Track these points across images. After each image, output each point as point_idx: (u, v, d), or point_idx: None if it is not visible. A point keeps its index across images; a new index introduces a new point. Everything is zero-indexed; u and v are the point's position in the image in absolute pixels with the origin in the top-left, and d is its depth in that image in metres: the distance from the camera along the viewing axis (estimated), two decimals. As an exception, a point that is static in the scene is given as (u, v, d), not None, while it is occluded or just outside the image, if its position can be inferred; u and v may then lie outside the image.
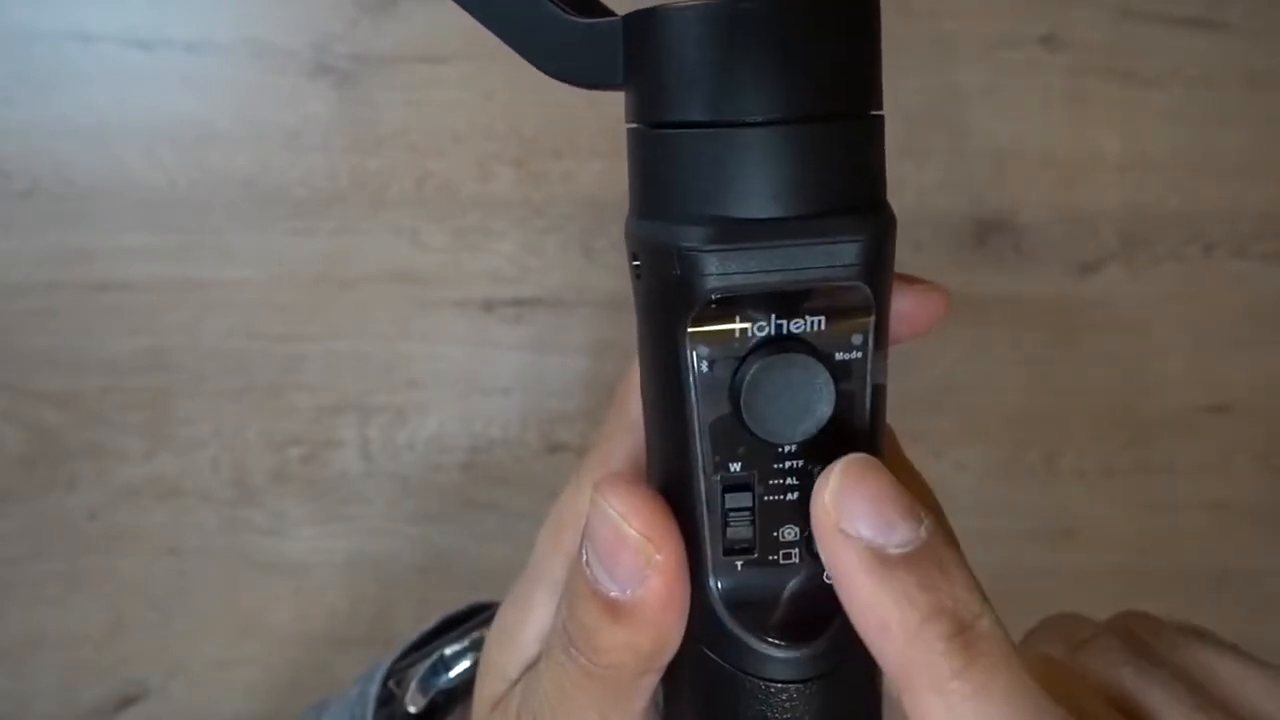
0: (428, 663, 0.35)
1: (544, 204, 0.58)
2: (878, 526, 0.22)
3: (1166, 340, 0.63)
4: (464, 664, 0.35)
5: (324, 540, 0.59)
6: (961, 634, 0.21)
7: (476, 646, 0.35)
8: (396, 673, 0.36)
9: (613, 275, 0.58)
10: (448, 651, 0.35)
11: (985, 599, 0.22)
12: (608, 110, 0.26)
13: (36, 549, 0.57)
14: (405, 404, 0.59)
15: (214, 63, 0.55)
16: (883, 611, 0.21)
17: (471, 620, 0.36)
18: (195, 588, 0.58)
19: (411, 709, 0.35)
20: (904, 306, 0.25)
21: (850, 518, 0.22)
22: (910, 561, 0.21)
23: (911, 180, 0.59)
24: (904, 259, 0.30)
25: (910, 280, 0.26)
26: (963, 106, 0.59)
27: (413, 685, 0.35)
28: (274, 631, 0.59)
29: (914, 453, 0.32)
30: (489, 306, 0.59)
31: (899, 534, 0.22)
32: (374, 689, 0.35)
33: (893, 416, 0.28)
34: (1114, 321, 0.62)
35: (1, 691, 0.58)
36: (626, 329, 0.27)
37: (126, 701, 0.59)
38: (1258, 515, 0.65)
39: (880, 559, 0.21)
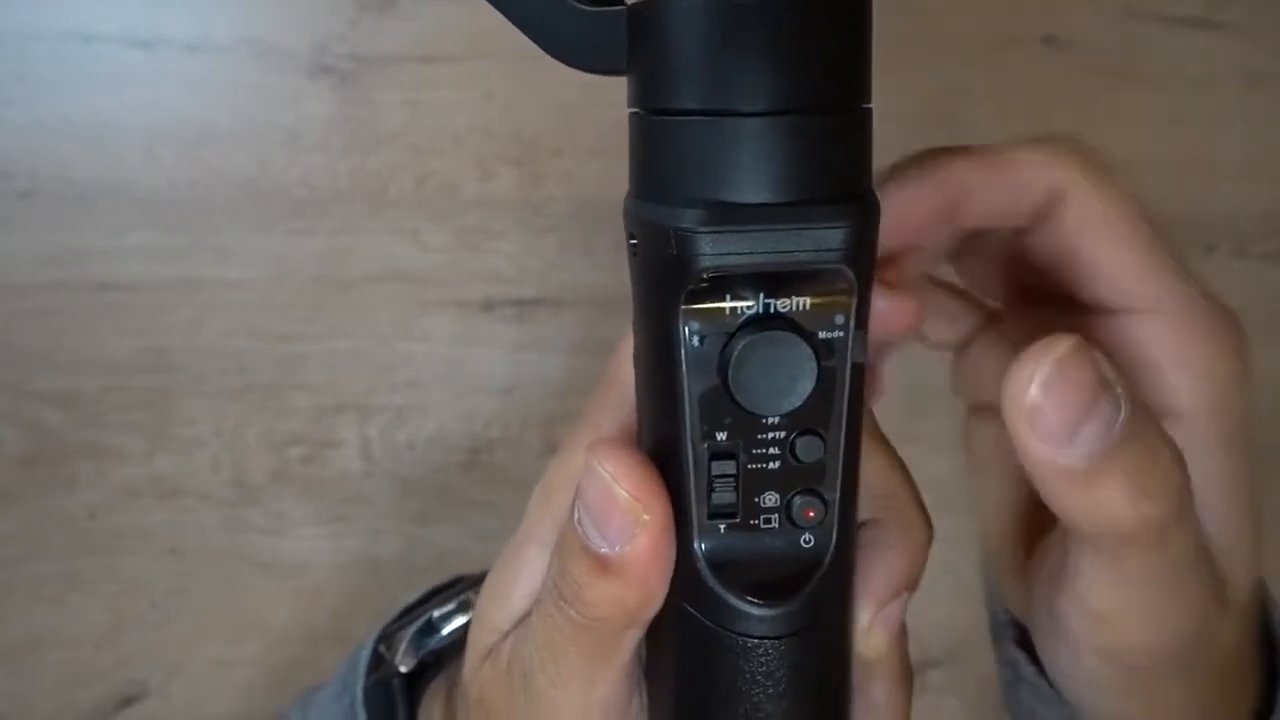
0: (416, 624, 0.36)
1: (544, 204, 0.58)
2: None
3: (1166, 340, 0.63)
4: (452, 625, 0.36)
5: (324, 540, 0.59)
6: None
7: (464, 608, 0.36)
8: (386, 638, 0.37)
9: (613, 275, 0.58)
10: (436, 614, 0.36)
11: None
12: (608, 111, 0.27)
13: (36, 549, 0.57)
14: (405, 404, 0.59)
15: (214, 63, 0.55)
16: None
17: (456, 587, 0.38)
18: (195, 588, 0.58)
19: (402, 669, 0.36)
20: (876, 308, 0.27)
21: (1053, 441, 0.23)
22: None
23: (911, 180, 0.59)
24: (904, 259, 0.30)
25: (886, 285, 0.28)
26: (963, 106, 0.59)
27: (402, 646, 0.36)
28: (274, 631, 0.59)
29: (913, 452, 0.32)
30: (489, 306, 0.59)
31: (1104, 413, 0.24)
32: (365, 654, 0.37)
33: (894, 416, 0.28)
34: (1114, 321, 0.62)
35: (1, 691, 0.58)
36: (626, 329, 0.27)
37: (126, 701, 0.59)
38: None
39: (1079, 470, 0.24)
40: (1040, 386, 0.23)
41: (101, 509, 0.57)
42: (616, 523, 0.25)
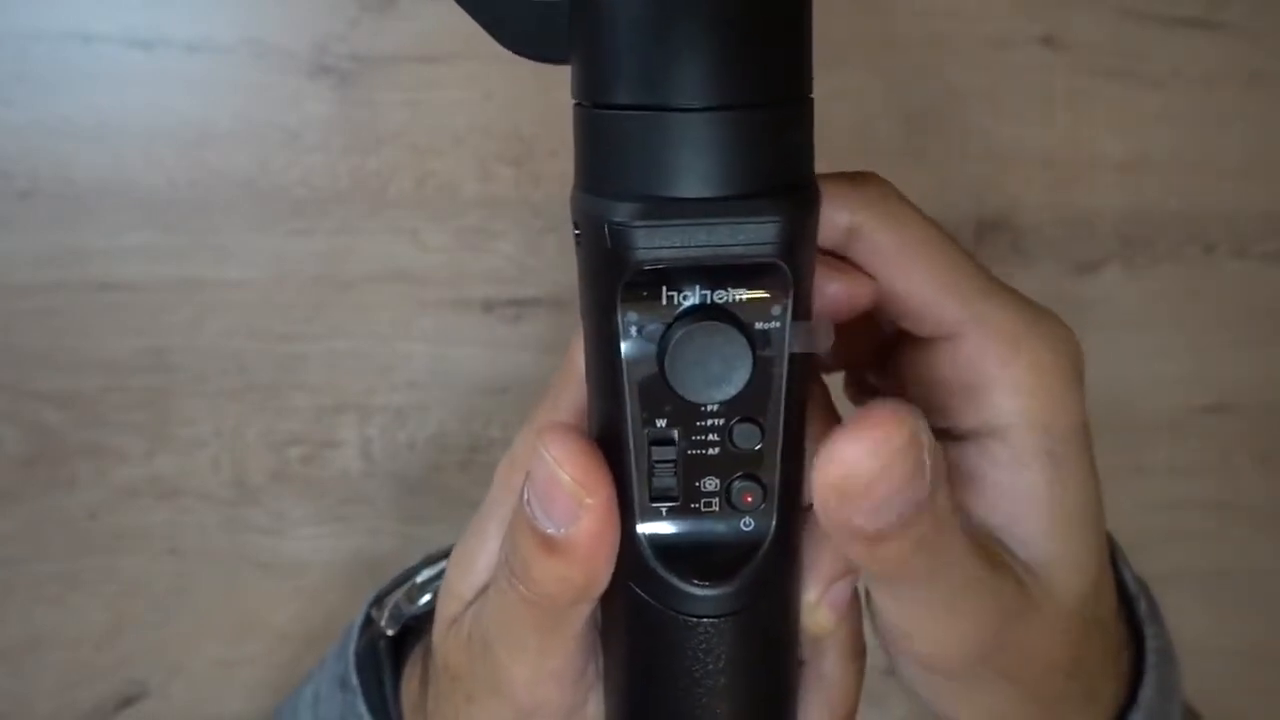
0: (402, 590, 0.38)
1: (544, 204, 0.58)
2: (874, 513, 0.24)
3: (1166, 340, 0.63)
4: (433, 591, 0.37)
5: (324, 540, 0.59)
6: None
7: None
8: (378, 601, 0.38)
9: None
10: (419, 580, 0.38)
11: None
12: None
13: (36, 549, 0.57)
14: (405, 404, 0.59)
15: (214, 63, 0.55)
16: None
17: (448, 556, 0.39)
18: (195, 587, 0.58)
19: (389, 632, 0.37)
20: (831, 290, 0.27)
21: (854, 514, 0.24)
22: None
23: (911, 180, 0.59)
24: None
25: (838, 266, 0.28)
26: (962, 106, 0.59)
27: (388, 610, 0.37)
28: (274, 631, 0.59)
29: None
30: (489, 306, 0.59)
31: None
32: (359, 618, 0.38)
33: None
34: (1113, 321, 0.62)
35: (1, 691, 0.58)
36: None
37: (126, 701, 0.59)
38: (1257, 515, 0.65)
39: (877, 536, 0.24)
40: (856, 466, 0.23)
41: (101, 509, 0.57)
42: (561, 505, 0.25)
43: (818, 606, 0.28)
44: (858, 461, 0.23)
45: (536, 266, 0.58)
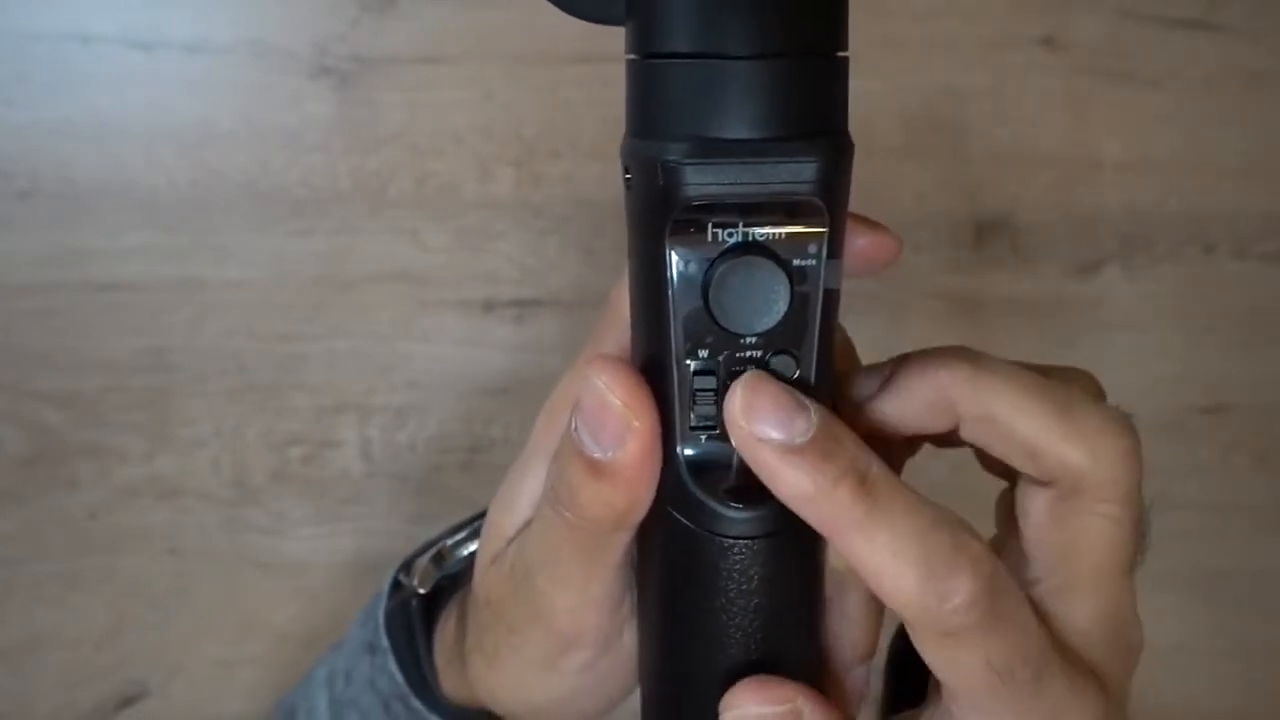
0: (432, 550, 0.39)
1: (544, 205, 0.58)
2: (781, 425, 0.26)
3: (1165, 340, 0.63)
4: (466, 550, 0.39)
5: (324, 540, 0.59)
6: (863, 484, 0.26)
7: (475, 535, 0.39)
8: (406, 566, 0.40)
9: (613, 276, 0.58)
10: (449, 541, 0.39)
11: (871, 452, 0.27)
12: (608, 111, 0.28)
13: (37, 549, 0.57)
14: (405, 404, 0.59)
15: (214, 63, 0.55)
16: (802, 486, 0.26)
17: (474, 523, 0.40)
18: (195, 588, 0.58)
19: (421, 591, 0.39)
20: (859, 243, 0.29)
21: (759, 425, 0.26)
22: (812, 444, 0.26)
23: (911, 181, 0.59)
24: (904, 259, 0.31)
25: (869, 223, 0.29)
26: (962, 107, 0.59)
27: (420, 571, 0.39)
28: (274, 631, 0.59)
29: (913, 459, 0.33)
30: (489, 307, 0.59)
31: (798, 425, 0.26)
32: (386, 583, 0.40)
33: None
34: (1113, 322, 0.62)
35: (1, 691, 0.58)
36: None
37: (126, 701, 0.59)
38: (1257, 515, 0.65)
39: (789, 449, 0.26)
40: None
41: (102, 509, 0.57)
42: (609, 428, 0.27)
43: None
44: None
45: (537, 267, 0.58)
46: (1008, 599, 0.27)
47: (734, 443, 0.27)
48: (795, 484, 0.26)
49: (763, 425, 0.26)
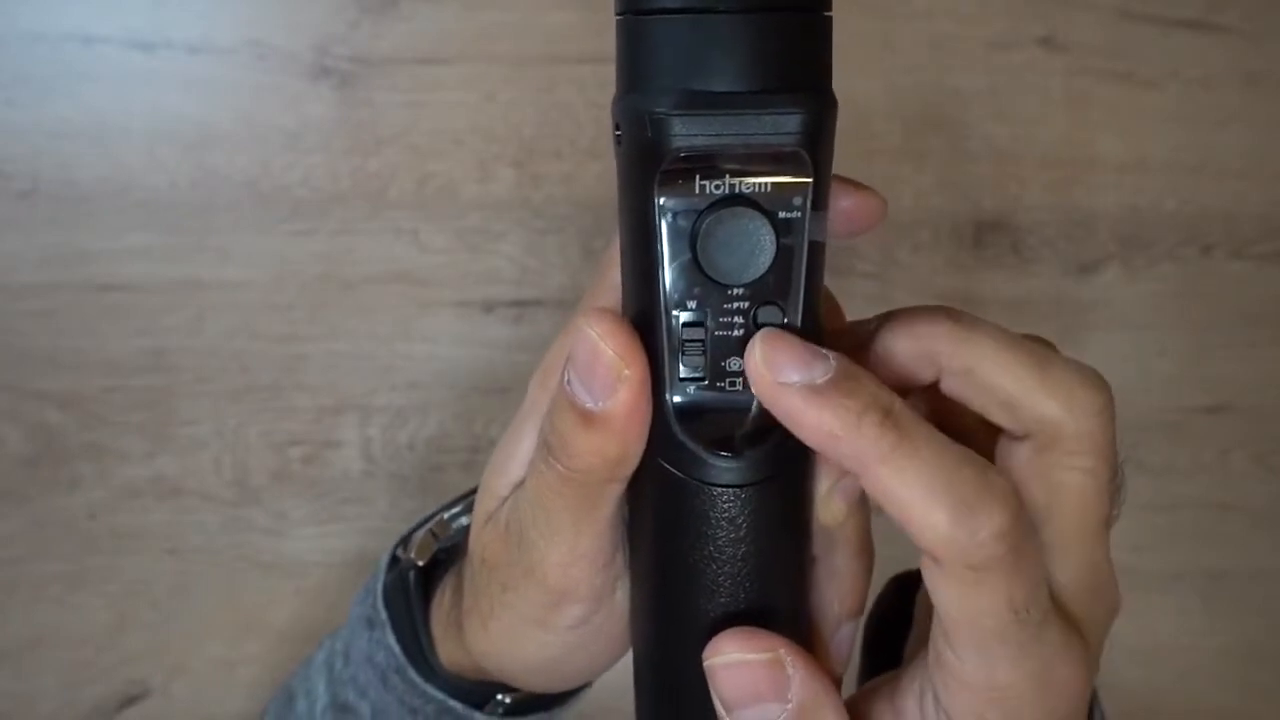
0: (429, 525, 0.40)
1: (544, 205, 0.58)
2: (802, 369, 0.27)
3: (1164, 340, 0.63)
4: (461, 522, 0.40)
5: (324, 540, 0.59)
6: (888, 417, 0.26)
7: (472, 508, 0.39)
8: (403, 541, 0.40)
9: (613, 276, 0.59)
10: (446, 515, 0.40)
11: (891, 391, 0.27)
12: (608, 112, 0.28)
13: (38, 549, 0.57)
14: (405, 404, 0.59)
15: (215, 64, 0.55)
16: (828, 424, 0.26)
17: (469, 497, 0.41)
18: (196, 587, 0.59)
19: (419, 563, 0.39)
20: (844, 204, 0.29)
21: (781, 371, 0.27)
22: (833, 382, 0.26)
23: (911, 181, 0.59)
24: (904, 259, 0.31)
25: (854, 184, 0.30)
26: (962, 107, 0.59)
27: (416, 544, 0.39)
28: (275, 631, 0.59)
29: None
30: (489, 307, 0.59)
31: (818, 368, 0.27)
32: (384, 557, 0.40)
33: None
34: (1112, 322, 0.62)
35: (3, 691, 0.58)
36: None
37: (128, 701, 0.59)
38: (1256, 515, 0.65)
39: (812, 389, 0.26)
40: None
41: (103, 509, 0.57)
42: (601, 378, 0.28)
43: (830, 496, 0.30)
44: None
45: (537, 268, 0.58)
46: (1031, 538, 0.27)
47: (757, 394, 0.27)
48: (821, 423, 0.26)
49: (784, 370, 0.26)
